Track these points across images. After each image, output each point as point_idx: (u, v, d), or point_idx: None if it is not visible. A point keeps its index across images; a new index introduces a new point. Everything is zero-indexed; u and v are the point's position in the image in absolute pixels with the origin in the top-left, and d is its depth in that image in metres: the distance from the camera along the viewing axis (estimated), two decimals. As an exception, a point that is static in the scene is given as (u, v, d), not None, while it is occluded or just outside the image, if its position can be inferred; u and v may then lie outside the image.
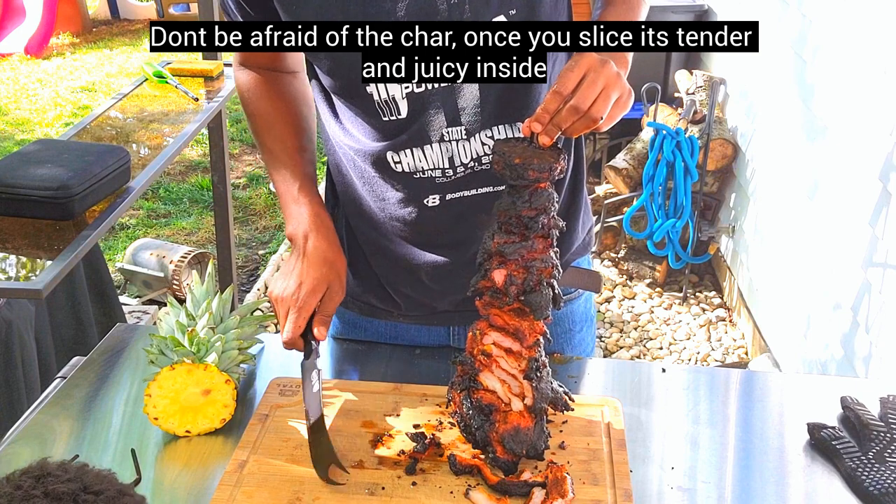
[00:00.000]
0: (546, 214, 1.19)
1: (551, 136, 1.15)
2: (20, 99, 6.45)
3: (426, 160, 1.35)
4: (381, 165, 1.37)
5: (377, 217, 1.43)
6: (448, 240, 1.42)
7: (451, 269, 1.42)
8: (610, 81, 1.14)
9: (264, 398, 1.38)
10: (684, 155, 3.84)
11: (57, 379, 1.49)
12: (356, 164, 1.41)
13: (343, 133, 1.40)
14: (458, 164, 1.35)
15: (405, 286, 1.49)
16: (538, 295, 1.21)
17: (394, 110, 1.32)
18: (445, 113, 1.31)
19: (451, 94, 1.30)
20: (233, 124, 5.98)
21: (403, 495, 1.19)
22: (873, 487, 1.22)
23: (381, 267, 1.50)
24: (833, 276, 2.92)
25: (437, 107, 1.31)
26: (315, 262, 1.34)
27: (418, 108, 1.31)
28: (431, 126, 1.32)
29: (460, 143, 1.33)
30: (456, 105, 1.31)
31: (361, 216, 1.46)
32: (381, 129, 1.34)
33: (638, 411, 1.40)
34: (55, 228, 2.09)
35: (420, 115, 1.31)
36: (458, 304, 1.46)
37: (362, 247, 1.50)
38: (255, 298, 4.02)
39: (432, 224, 1.40)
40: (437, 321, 1.54)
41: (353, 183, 1.44)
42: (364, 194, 1.43)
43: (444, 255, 1.43)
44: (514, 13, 1.26)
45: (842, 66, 2.96)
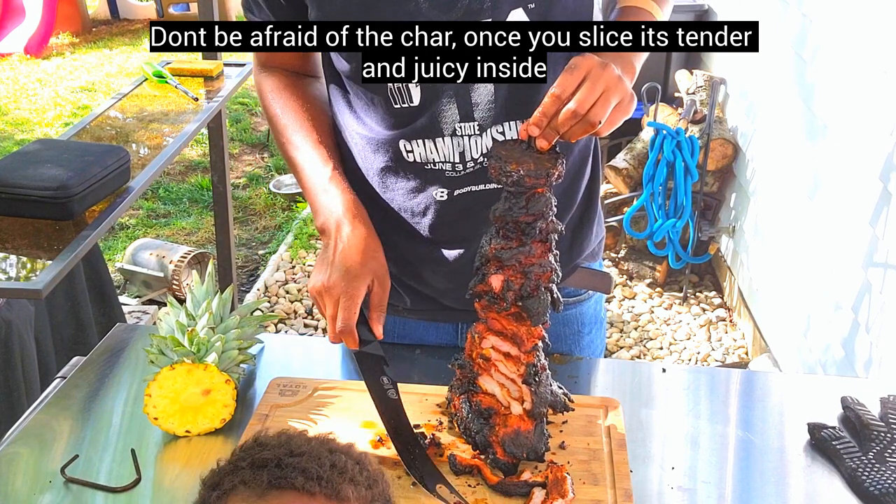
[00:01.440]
0: (544, 219, 1.17)
1: (549, 140, 1.14)
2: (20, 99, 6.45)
3: (437, 152, 1.34)
4: (393, 155, 1.37)
5: (385, 209, 1.43)
6: (454, 234, 1.41)
7: (456, 265, 1.42)
8: (610, 85, 1.13)
9: (264, 398, 1.38)
10: (684, 155, 3.84)
11: (57, 379, 1.49)
12: (367, 154, 1.40)
13: (356, 121, 1.40)
14: (468, 158, 1.34)
15: (411, 279, 1.48)
16: (536, 300, 1.19)
17: (406, 97, 1.31)
18: (459, 106, 1.30)
19: (465, 86, 1.29)
20: (233, 124, 5.98)
21: (403, 495, 1.19)
22: (873, 487, 1.21)
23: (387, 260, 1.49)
24: (833, 276, 2.92)
25: (449, 96, 1.29)
26: (356, 248, 1.29)
27: (431, 96, 1.30)
28: (444, 118, 1.31)
29: (472, 139, 1.33)
30: (470, 100, 1.30)
31: (369, 208, 1.45)
32: (394, 116, 1.33)
33: (638, 411, 1.39)
34: (55, 228, 2.08)
35: (432, 104, 1.30)
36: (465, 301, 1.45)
37: None
38: (255, 298, 4.02)
39: (439, 217, 1.39)
40: (443, 318, 1.53)
41: (363, 174, 1.43)
42: (373, 185, 1.42)
43: (450, 250, 1.42)
44: (534, 6, 1.25)
45: (842, 66, 2.96)
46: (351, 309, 1.26)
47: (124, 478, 1.24)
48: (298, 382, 1.42)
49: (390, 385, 1.28)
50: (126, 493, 1.22)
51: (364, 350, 1.28)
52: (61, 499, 1.21)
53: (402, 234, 1.43)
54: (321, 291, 1.29)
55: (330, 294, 1.27)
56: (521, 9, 1.25)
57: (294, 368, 1.48)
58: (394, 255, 1.47)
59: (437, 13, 1.24)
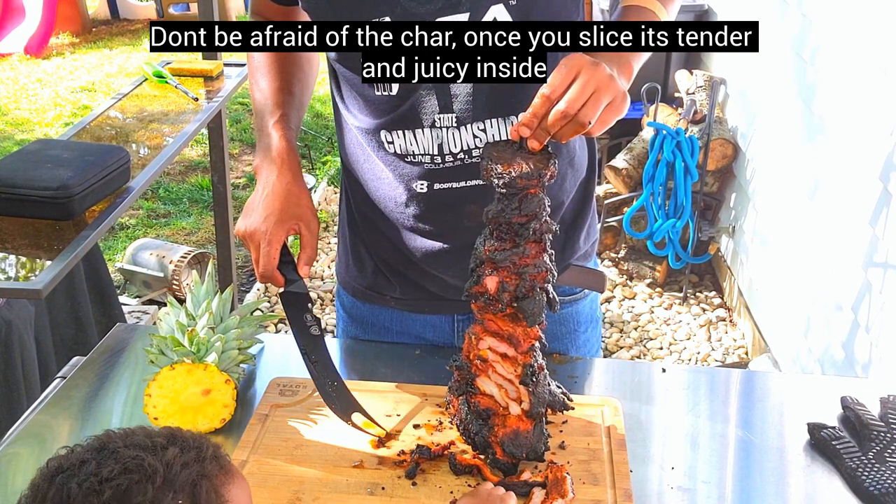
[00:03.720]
0: (537, 220, 1.17)
1: (540, 140, 1.13)
2: (20, 99, 6.45)
3: (416, 144, 1.35)
4: (377, 144, 1.39)
5: (374, 196, 1.45)
6: (436, 227, 1.42)
7: (440, 254, 1.43)
8: (601, 84, 1.11)
9: (264, 398, 1.38)
10: (684, 155, 3.84)
11: (57, 379, 1.49)
12: (358, 140, 1.43)
13: (346, 109, 1.43)
14: (447, 151, 1.35)
15: (399, 265, 1.50)
16: (531, 301, 1.19)
17: (385, 85, 1.33)
18: (438, 97, 1.31)
19: None
20: (233, 124, 5.98)
21: (403, 495, 1.19)
22: (873, 487, 1.21)
23: (376, 247, 1.51)
24: (833, 276, 2.92)
25: (428, 87, 1.31)
26: (278, 194, 1.33)
27: (409, 86, 1.31)
28: (423, 109, 1.32)
29: (450, 131, 1.33)
30: (448, 91, 1.31)
31: (361, 193, 1.48)
32: (375, 103, 1.36)
33: (638, 411, 1.39)
34: (55, 228, 2.08)
35: (410, 94, 1.32)
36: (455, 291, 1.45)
37: (360, 225, 1.52)
38: (255, 298, 4.02)
39: (421, 209, 1.41)
40: (436, 308, 1.53)
41: (357, 159, 1.46)
42: (365, 171, 1.45)
43: (434, 241, 1.43)
44: (514, 3, 1.25)
45: (842, 66, 2.96)
46: (270, 254, 1.30)
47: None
48: (298, 382, 1.42)
49: (313, 322, 1.34)
50: (126, 493, 1.22)
51: (288, 289, 1.33)
52: (61, 499, 1.21)
53: (389, 222, 1.45)
54: (244, 236, 1.34)
55: (252, 238, 1.32)
56: (502, 4, 1.25)
57: (294, 368, 1.48)
58: (382, 241, 1.49)
59: (415, 4, 1.25)
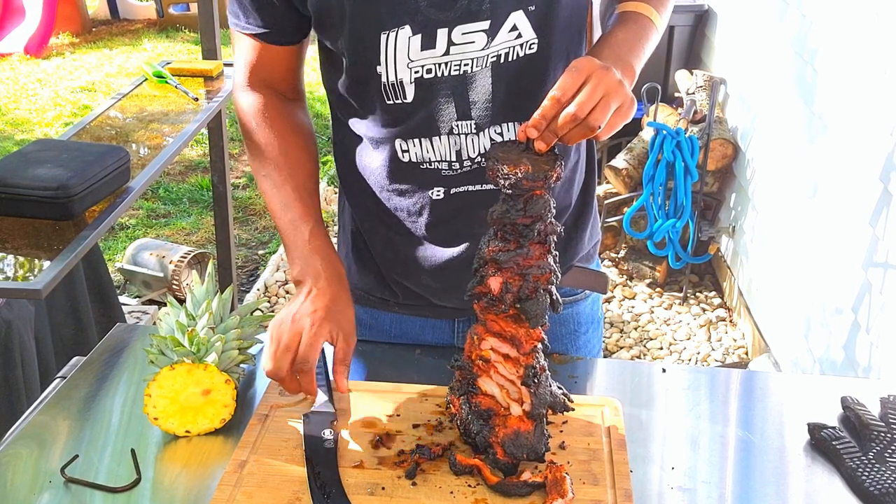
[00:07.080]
0: (542, 221, 1.16)
1: (548, 142, 1.13)
2: (20, 99, 6.45)
3: (434, 151, 1.34)
4: (390, 154, 1.37)
5: (381, 206, 1.42)
6: (450, 234, 1.41)
7: (451, 265, 1.42)
8: (611, 89, 1.12)
9: (264, 398, 1.38)
10: (684, 155, 3.84)
11: (56, 379, 1.49)
12: (367, 152, 1.40)
13: (356, 120, 1.39)
14: (465, 157, 1.34)
15: (402, 277, 1.49)
16: (534, 303, 1.19)
17: (399, 94, 1.30)
18: (456, 105, 1.30)
19: (462, 85, 1.28)
20: (232, 124, 5.97)
21: (403, 495, 1.19)
22: (874, 488, 1.21)
23: (380, 255, 1.50)
24: (833, 276, 2.92)
25: (446, 96, 1.29)
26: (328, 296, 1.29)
27: (426, 95, 1.29)
28: (441, 117, 1.31)
29: (469, 138, 1.33)
30: (467, 97, 1.29)
31: (364, 203, 1.45)
32: (388, 112, 1.33)
33: (638, 411, 1.39)
34: (55, 228, 2.08)
35: (427, 103, 1.30)
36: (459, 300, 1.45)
37: (363, 234, 1.50)
38: (255, 298, 4.02)
39: (435, 216, 1.39)
40: (437, 314, 1.53)
41: (359, 169, 1.43)
42: (369, 182, 1.42)
43: (446, 248, 1.42)
44: (534, 9, 1.25)
45: (842, 66, 2.96)
46: (313, 345, 1.24)
47: (124, 478, 1.24)
48: (298, 382, 1.41)
49: (330, 437, 1.27)
50: (126, 494, 1.22)
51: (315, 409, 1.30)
52: (61, 499, 1.21)
53: (397, 233, 1.44)
54: (283, 321, 1.27)
55: (294, 325, 1.26)
56: (522, 11, 1.25)
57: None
58: (387, 250, 1.48)
59: (435, 11, 1.24)
